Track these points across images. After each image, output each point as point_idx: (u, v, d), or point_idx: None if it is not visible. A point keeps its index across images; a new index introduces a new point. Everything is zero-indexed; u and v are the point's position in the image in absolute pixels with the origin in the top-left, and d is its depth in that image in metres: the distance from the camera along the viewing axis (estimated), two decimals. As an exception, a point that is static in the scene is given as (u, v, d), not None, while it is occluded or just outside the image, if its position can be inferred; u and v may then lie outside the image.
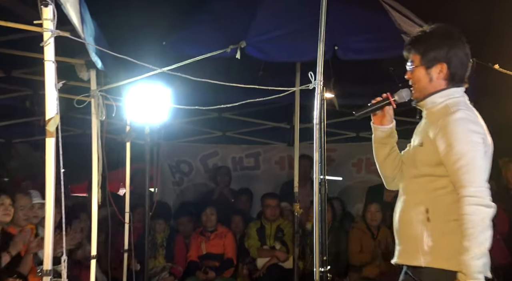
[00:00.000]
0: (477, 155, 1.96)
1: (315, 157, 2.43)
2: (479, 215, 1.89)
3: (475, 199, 1.91)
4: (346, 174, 6.23)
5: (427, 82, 2.13)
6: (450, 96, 2.11)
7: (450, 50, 2.10)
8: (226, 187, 6.05)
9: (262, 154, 6.47)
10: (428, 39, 2.14)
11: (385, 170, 2.32)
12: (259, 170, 6.47)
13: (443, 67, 2.11)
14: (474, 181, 1.93)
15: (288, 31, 3.70)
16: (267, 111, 5.66)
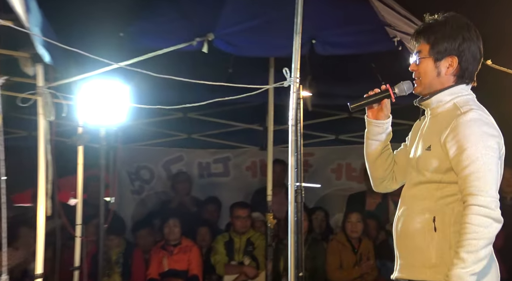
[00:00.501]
0: (490, 161, 1.93)
1: (291, 162, 2.45)
2: (487, 228, 1.87)
3: (484, 210, 1.88)
4: (325, 181, 6.27)
5: (434, 77, 2.10)
6: (459, 94, 2.08)
7: (463, 43, 2.06)
8: (187, 195, 6.01)
9: (232, 159, 6.46)
10: (440, 28, 2.08)
11: (376, 171, 2.28)
12: (228, 177, 6.46)
13: (454, 60, 2.07)
14: (484, 189, 1.90)
15: (261, 22, 3.71)
16: (237, 111, 5.65)
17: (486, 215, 1.88)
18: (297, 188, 2.44)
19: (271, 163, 4.49)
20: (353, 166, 6.35)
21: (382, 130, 2.26)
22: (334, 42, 3.68)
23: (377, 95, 2.23)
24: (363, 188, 5.79)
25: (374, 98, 2.24)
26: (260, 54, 3.81)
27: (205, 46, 3.51)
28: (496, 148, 1.97)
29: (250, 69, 4.53)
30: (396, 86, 2.21)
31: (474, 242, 1.87)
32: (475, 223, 1.88)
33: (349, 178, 6.38)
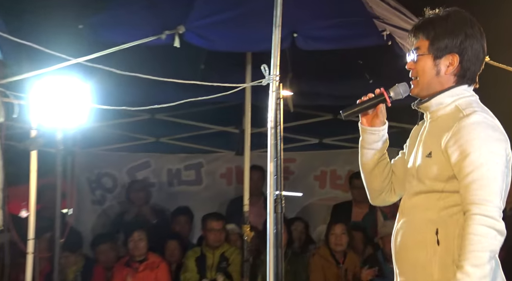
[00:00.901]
0: (496, 168, 1.93)
1: (270, 169, 2.45)
2: (491, 240, 1.88)
3: (489, 220, 1.88)
4: (307, 189, 6.25)
5: (432, 76, 2.10)
6: (460, 95, 2.08)
7: (465, 40, 2.07)
8: (145, 205, 5.96)
9: (205, 166, 6.44)
10: (441, 23, 2.09)
11: (373, 182, 2.28)
12: (200, 185, 6.43)
13: (455, 59, 2.08)
14: (489, 199, 1.90)
15: (237, 14, 3.71)
16: (211, 112, 5.64)
17: (491, 226, 1.88)
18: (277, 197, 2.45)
19: (248, 170, 4.50)
20: (338, 173, 6.39)
21: (378, 137, 2.26)
22: (317, 36, 3.70)
23: (371, 101, 2.24)
24: (348, 198, 5.82)
25: (368, 104, 2.24)
26: (236, 49, 3.81)
27: (175, 40, 3.50)
28: (503, 154, 1.97)
29: (225, 66, 4.53)
30: (391, 89, 2.22)
31: (480, 255, 1.86)
32: (480, 233, 1.88)
33: (333, 187, 6.41)
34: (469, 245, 1.87)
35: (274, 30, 2.53)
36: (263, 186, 5.72)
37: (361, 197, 5.56)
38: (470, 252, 1.87)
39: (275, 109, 2.47)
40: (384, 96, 2.21)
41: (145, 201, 5.96)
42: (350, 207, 5.70)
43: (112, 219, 6.12)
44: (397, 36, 3.65)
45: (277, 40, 2.52)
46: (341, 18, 3.77)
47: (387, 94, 2.21)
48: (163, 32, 3.49)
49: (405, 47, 3.61)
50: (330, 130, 6.17)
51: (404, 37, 3.72)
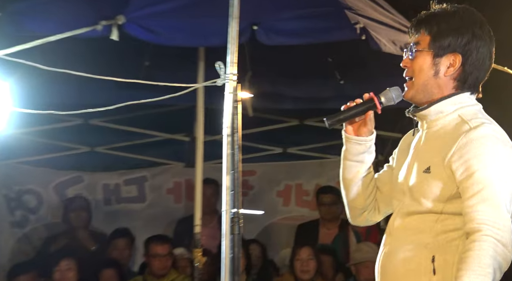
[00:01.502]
0: (507, 187, 1.97)
1: (225, 183, 2.44)
2: (501, 261, 1.91)
3: (502, 249, 1.91)
4: (269, 206, 6.25)
5: (430, 76, 2.13)
6: (464, 103, 2.11)
7: (472, 41, 2.11)
8: (84, 228, 5.86)
9: (149, 180, 6.37)
10: (448, 18, 2.13)
11: (355, 200, 2.30)
12: (144, 203, 6.36)
13: (457, 59, 2.11)
14: (499, 222, 1.93)
15: (188, 2, 3.72)
16: (157, 117, 5.60)
17: (502, 256, 1.91)
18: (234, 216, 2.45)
19: (200, 184, 4.48)
20: (304, 188, 6.42)
21: (364, 148, 2.27)
22: (280, 29, 3.73)
23: (359, 107, 2.25)
24: (316, 216, 5.87)
25: (355, 111, 2.25)
26: (186, 43, 3.81)
27: (113, 32, 3.47)
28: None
29: (174, 63, 4.51)
30: (382, 94, 2.24)
31: (487, 271, 1.88)
32: (487, 251, 1.89)
33: (299, 204, 6.42)
34: (474, 261, 1.89)
35: (230, 21, 2.53)
36: (217, 203, 5.71)
37: (330, 215, 5.64)
38: (476, 269, 1.88)
39: (232, 113, 2.48)
40: (374, 102, 2.23)
41: (85, 224, 5.86)
42: (317, 227, 5.74)
43: (35, 245, 5.98)
44: (372, 29, 3.71)
45: (234, 34, 2.52)
46: (308, 9, 3.81)
47: (378, 99, 2.23)
48: (99, 23, 3.46)
49: (381, 42, 3.67)
50: (295, 138, 6.22)
51: (380, 31, 3.78)
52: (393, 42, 3.78)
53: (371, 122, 2.26)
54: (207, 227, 5.14)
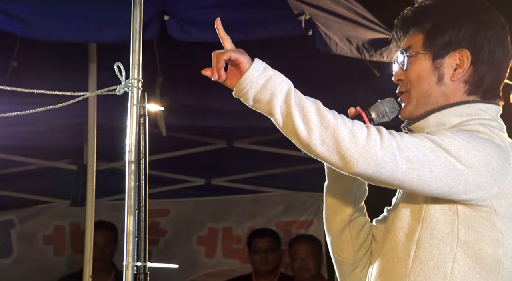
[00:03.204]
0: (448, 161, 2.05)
1: (127, 227, 2.46)
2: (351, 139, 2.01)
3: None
4: (188, 258, 6.31)
5: (432, 84, 2.18)
6: (474, 116, 2.14)
7: (480, 30, 2.15)
8: None
9: (17, 225, 6.33)
10: (441, 8, 2.19)
11: (342, 251, 2.35)
12: (9, 258, 6.33)
13: (465, 56, 2.15)
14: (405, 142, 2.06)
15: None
16: (31, 138, 5.53)
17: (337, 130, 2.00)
18: (138, 272, 2.46)
19: (91, 229, 4.45)
20: (235, 233, 6.48)
21: (351, 179, 2.27)
22: (199, 21, 3.73)
23: None
24: (249, 270, 5.91)
25: None
26: (67, 37, 3.77)
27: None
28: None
29: (54, 65, 4.48)
30: (372, 108, 2.27)
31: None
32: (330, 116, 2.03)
33: (228, 254, 6.47)
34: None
35: (133, 9, 2.56)
36: (114, 255, 5.70)
37: (265, 266, 5.70)
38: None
39: (137, 132, 2.49)
40: (363, 118, 2.26)
41: None
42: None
43: None
44: (321, 23, 3.77)
45: (138, 25, 2.55)
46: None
47: (366, 115, 2.27)
48: None
49: (332, 40, 3.74)
50: (222, 166, 6.26)
51: (331, 24, 3.85)
52: (348, 40, 3.82)
53: None
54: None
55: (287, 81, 2.06)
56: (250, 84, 2.06)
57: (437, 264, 2.08)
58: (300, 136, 2.00)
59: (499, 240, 2.07)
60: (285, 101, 2.02)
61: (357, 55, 3.85)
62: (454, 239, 2.07)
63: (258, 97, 2.05)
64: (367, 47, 3.92)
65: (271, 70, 2.07)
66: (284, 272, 5.83)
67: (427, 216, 2.09)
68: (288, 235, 6.17)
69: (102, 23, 3.68)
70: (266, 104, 2.04)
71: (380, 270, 2.19)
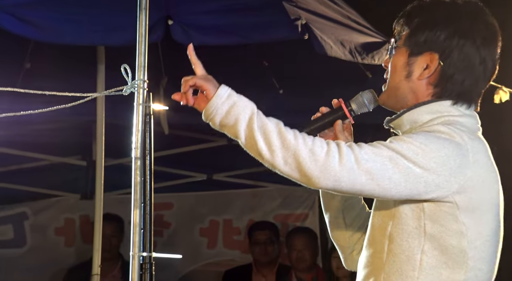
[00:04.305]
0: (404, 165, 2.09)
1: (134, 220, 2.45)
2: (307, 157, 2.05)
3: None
4: (190, 249, 6.30)
5: (402, 78, 2.22)
6: (444, 113, 2.17)
7: (453, 37, 2.16)
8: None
9: (31, 217, 6.33)
10: (432, 9, 2.21)
11: (338, 236, 2.39)
12: (23, 248, 6.32)
13: (434, 59, 2.18)
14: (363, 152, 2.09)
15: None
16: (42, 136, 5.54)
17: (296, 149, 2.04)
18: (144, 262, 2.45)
19: (100, 221, 4.45)
20: (235, 225, 6.48)
21: None
22: (202, 25, 3.75)
23: (325, 118, 2.33)
24: (249, 260, 5.91)
25: (321, 123, 2.33)
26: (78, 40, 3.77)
27: (-19, 24, 3.43)
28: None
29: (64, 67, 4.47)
30: (353, 100, 2.31)
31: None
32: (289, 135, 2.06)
33: (228, 245, 6.47)
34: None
35: (139, 13, 2.56)
36: (120, 246, 5.70)
37: (265, 257, 5.71)
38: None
39: (142, 130, 2.48)
40: (343, 109, 2.30)
41: None
42: (249, 274, 5.78)
43: None
44: (317, 27, 3.78)
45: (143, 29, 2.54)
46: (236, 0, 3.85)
47: (347, 107, 2.30)
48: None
49: (327, 43, 3.74)
50: (223, 162, 6.26)
51: (326, 29, 3.85)
52: (341, 43, 3.83)
53: (343, 135, 2.34)
54: (107, 276, 5.11)
55: (250, 106, 2.10)
56: (215, 111, 2.11)
57: (408, 256, 2.10)
58: (264, 157, 2.05)
59: (462, 232, 2.09)
60: (248, 125, 2.07)
61: (349, 58, 3.87)
62: (421, 233, 2.10)
63: (223, 122, 2.10)
64: (359, 50, 3.94)
65: (235, 96, 2.11)
66: (282, 262, 5.84)
67: (397, 213, 2.13)
68: (285, 227, 6.19)
69: (110, 27, 3.69)
70: (231, 128, 2.10)
71: (364, 262, 2.23)
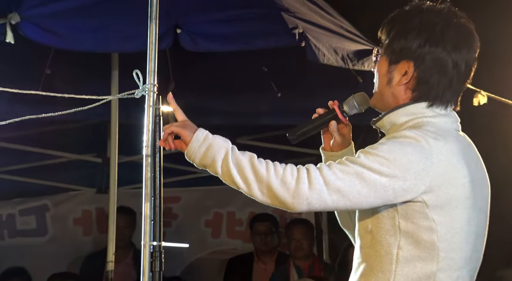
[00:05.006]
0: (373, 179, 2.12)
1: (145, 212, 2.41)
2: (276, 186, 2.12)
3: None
4: (196, 238, 6.28)
5: (384, 85, 2.23)
6: (419, 115, 2.18)
7: (424, 45, 2.17)
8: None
9: (52, 209, 6.30)
10: (408, 19, 2.21)
11: (346, 224, 2.43)
12: (45, 236, 6.29)
13: (410, 67, 2.18)
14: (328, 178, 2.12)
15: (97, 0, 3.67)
16: (62, 135, 5.55)
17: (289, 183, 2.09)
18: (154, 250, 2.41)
19: (114, 213, 4.43)
20: (237, 217, 6.45)
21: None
22: (207, 33, 3.73)
23: (319, 119, 2.34)
24: (250, 249, 5.89)
25: (316, 123, 2.34)
26: (94, 48, 3.76)
27: (8, 33, 3.39)
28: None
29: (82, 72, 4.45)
30: (346, 101, 2.32)
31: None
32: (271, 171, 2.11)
33: (231, 235, 6.44)
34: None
35: (149, 23, 2.52)
36: (132, 235, 5.69)
37: (265, 246, 5.69)
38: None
39: (153, 130, 2.44)
40: (335, 111, 2.30)
41: None
42: (251, 262, 5.75)
43: None
44: (312, 35, 3.77)
45: (153, 38, 2.50)
46: (240, 10, 3.83)
47: (339, 108, 2.30)
48: (-13, 22, 3.38)
49: (320, 51, 3.74)
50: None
51: (321, 37, 3.84)
52: (334, 51, 3.84)
53: (337, 134, 2.36)
54: (120, 263, 5.09)
55: (224, 145, 2.17)
56: (194, 154, 2.20)
57: (386, 251, 2.13)
58: (243, 190, 2.14)
59: (432, 228, 2.10)
60: (224, 163, 2.14)
61: (342, 64, 3.89)
62: (397, 231, 2.12)
63: (202, 163, 2.19)
64: (351, 57, 3.95)
65: (210, 139, 2.20)
66: (281, 250, 5.82)
67: (375, 213, 2.16)
68: (283, 219, 6.19)
69: (123, 36, 3.67)
70: (210, 167, 2.17)
71: (356, 253, 2.25)
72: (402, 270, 2.11)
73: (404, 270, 2.11)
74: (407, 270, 2.11)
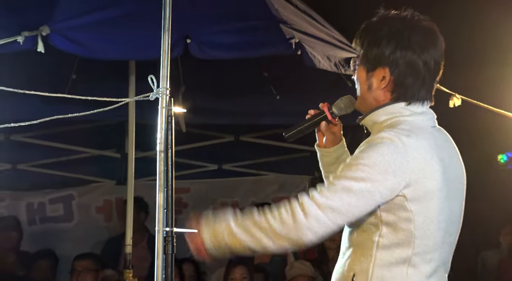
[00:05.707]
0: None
1: (159, 201, 2.43)
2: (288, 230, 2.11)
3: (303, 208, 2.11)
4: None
5: (365, 90, 2.23)
6: (396, 114, 2.18)
7: (395, 51, 2.16)
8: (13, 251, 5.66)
9: (77, 198, 6.33)
10: (376, 29, 2.20)
11: None
12: (71, 222, 6.31)
13: (386, 73, 2.18)
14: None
15: (118, 14, 3.69)
16: (85, 133, 5.55)
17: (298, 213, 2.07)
18: (167, 235, 2.43)
19: (131, 202, 4.45)
20: (241, 206, 6.44)
21: (332, 160, 2.41)
22: (215, 43, 3.74)
23: (311, 119, 2.36)
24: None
25: (308, 123, 2.36)
26: (115, 56, 3.78)
27: (39, 43, 3.40)
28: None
29: (103, 76, 4.46)
30: (335, 104, 2.34)
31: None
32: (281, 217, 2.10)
33: (234, 222, 6.48)
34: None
35: (162, 34, 2.54)
36: (145, 221, 5.71)
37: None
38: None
39: (165, 128, 2.47)
40: (325, 112, 2.32)
41: (14, 245, 5.65)
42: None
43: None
44: (307, 44, 3.78)
45: (166, 47, 2.53)
46: (243, 22, 3.84)
47: (329, 110, 2.32)
48: (21, 34, 3.38)
49: (316, 58, 3.74)
50: (230, 154, 6.24)
51: (315, 46, 3.86)
52: (328, 58, 3.85)
53: (329, 133, 2.38)
54: (136, 247, 5.09)
55: (225, 231, 2.16)
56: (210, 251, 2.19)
57: (369, 239, 2.14)
58: (259, 251, 2.14)
59: (410, 218, 2.12)
60: (232, 242, 2.14)
61: (334, 70, 3.89)
62: (379, 222, 2.14)
63: (218, 253, 2.18)
64: (342, 63, 3.96)
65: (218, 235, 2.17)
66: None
67: None
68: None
69: (140, 45, 3.67)
70: (228, 253, 2.17)
71: (345, 236, 2.26)
72: (381, 254, 2.13)
73: (383, 255, 2.13)
74: (385, 255, 2.12)
